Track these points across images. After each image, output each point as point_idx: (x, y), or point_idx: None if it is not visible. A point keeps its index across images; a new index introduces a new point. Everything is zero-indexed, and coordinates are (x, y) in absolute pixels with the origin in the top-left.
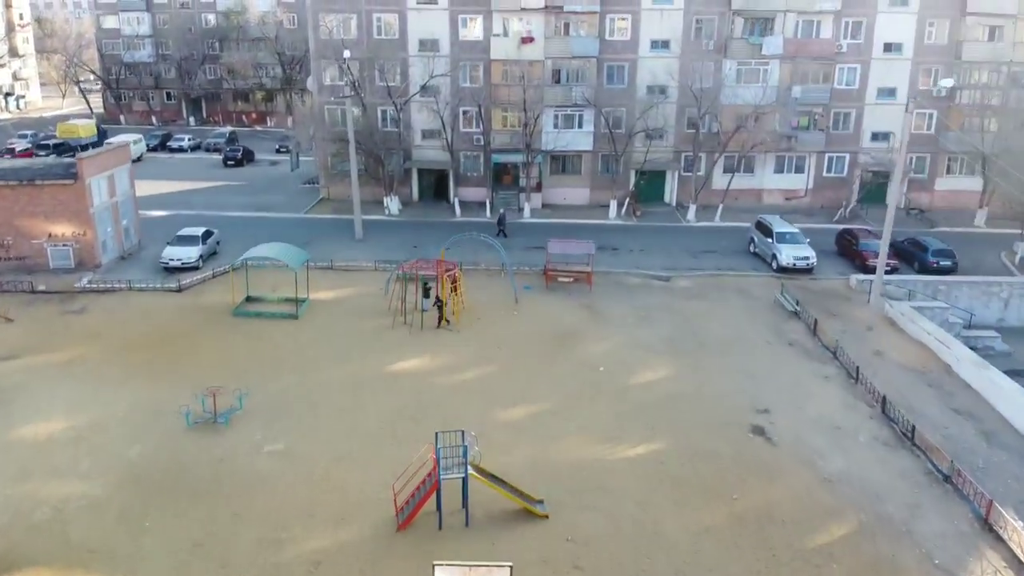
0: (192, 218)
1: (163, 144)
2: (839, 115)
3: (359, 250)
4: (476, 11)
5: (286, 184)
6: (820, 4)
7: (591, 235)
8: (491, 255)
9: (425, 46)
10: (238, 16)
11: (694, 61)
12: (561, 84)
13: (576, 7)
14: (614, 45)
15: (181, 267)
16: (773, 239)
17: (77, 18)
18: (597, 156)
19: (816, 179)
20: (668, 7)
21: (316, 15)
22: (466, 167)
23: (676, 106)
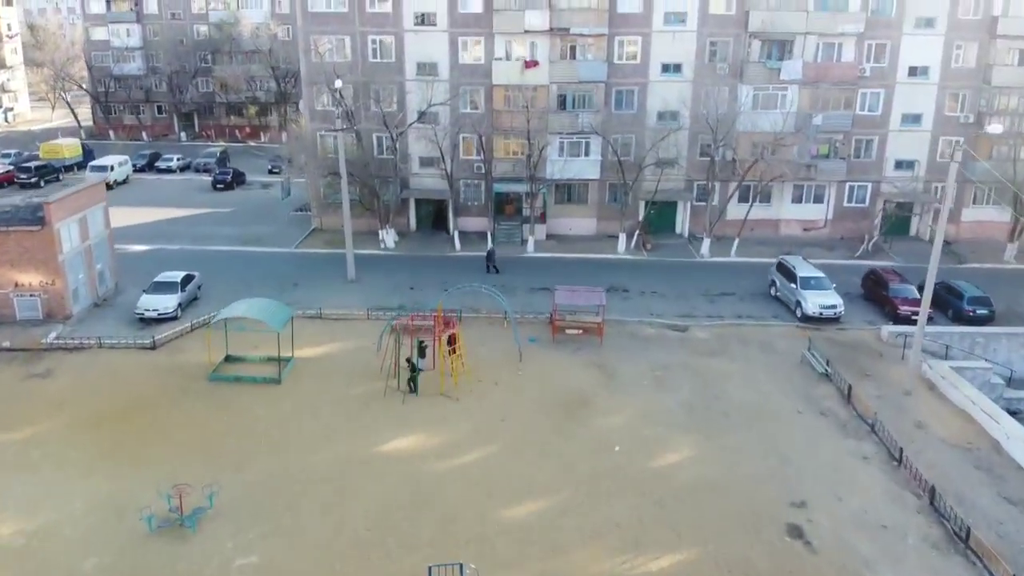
0: (175, 254)
1: (151, 164)
2: (861, 142)
3: (351, 293)
4: (477, 33)
5: (277, 211)
6: (842, 26)
7: (599, 271)
8: (491, 303)
9: (423, 70)
10: (231, 28)
11: (708, 86)
12: (567, 110)
13: (583, 30)
14: (623, 69)
15: (158, 318)
16: (797, 284)
17: (72, 24)
18: (604, 185)
19: (836, 209)
20: (680, 29)
21: (308, 37)
22: (466, 196)
23: (688, 133)
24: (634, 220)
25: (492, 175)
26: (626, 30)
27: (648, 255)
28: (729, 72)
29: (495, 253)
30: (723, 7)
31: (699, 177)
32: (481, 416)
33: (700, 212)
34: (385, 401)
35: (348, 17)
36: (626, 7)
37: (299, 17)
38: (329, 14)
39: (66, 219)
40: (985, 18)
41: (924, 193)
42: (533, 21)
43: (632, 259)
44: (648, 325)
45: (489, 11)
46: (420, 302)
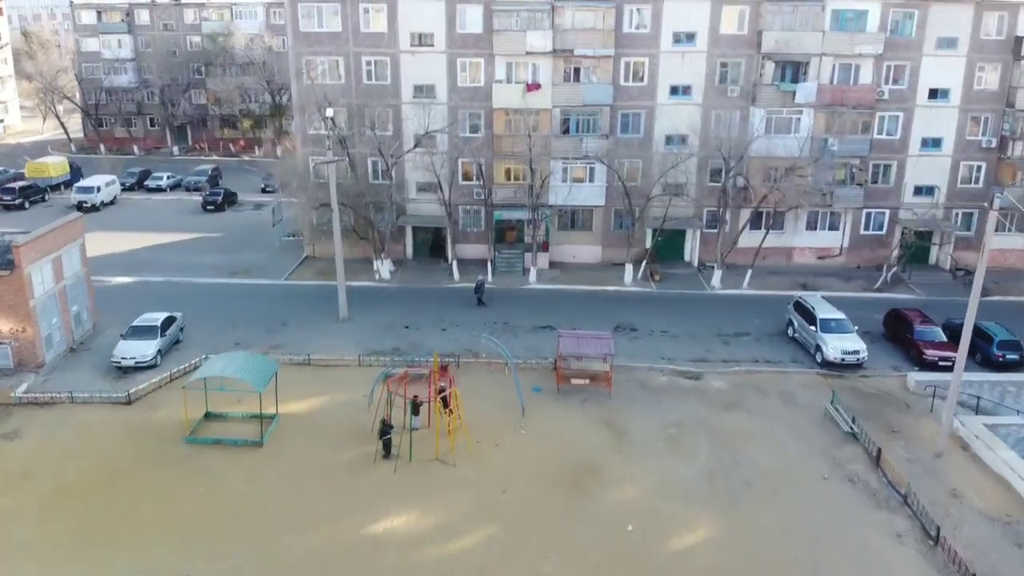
0: (158, 287)
1: (140, 182)
2: (878, 167)
3: (343, 334)
4: (476, 55)
5: (268, 236)
6: (860, 47)
7: (605, 306)
8: (490, 345)
9: (420, 92)
10: (225, 39)
11: (718, 109)
12: (570, 135)
13: (587, 51)
14: (629, 91)
15: (135, 366)
16: (817, 327)
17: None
18: (610, 211)
19: (852, 237)
20: (690, 50)
21: (299, 58)
22: (465, 223)
23: (697, 158)
24: (641, 248)
25: (492, 201)
26: (633, 51)
27: (656, 287)
28: (741, 95)
29: (484, 285)
30: (735, 27)
31: (709, 203)
32: (480, 487)
33: (710, 240)
34: (375, 469)
35: (341, 37)
36: (633, 27)
37: (290, 37)
38: (321, 34)
39: (38, 261)
40: (1009, 38)
41: (944, 220)
42: (535, 42)
43: (639, 291)
44: (659, 372)
45: (489, 32)
46: (415, 343)
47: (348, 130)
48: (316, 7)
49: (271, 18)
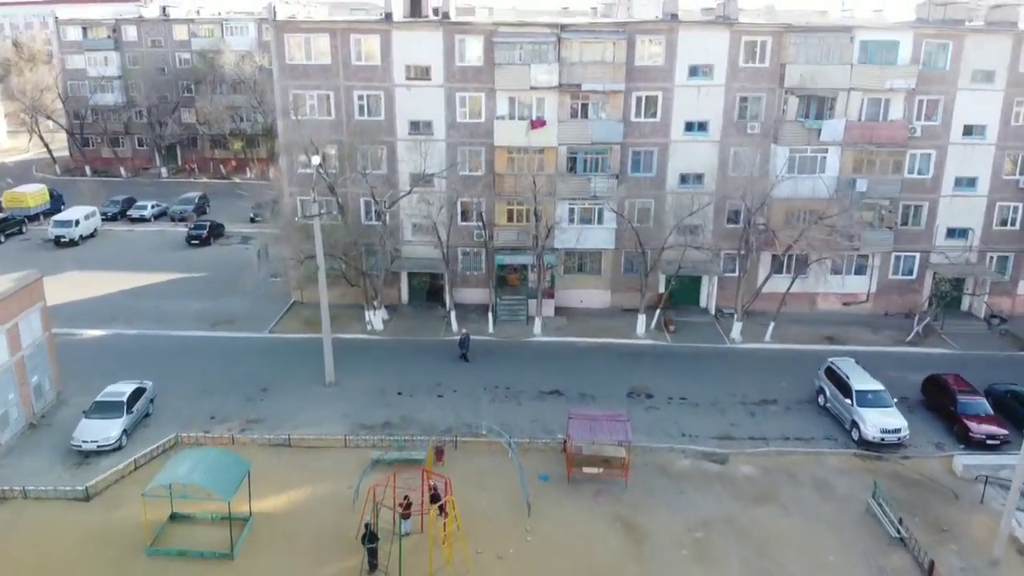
0: (132, 342)
1: (123, 212)
2: (909, 208)
3: (328, 403)
4: (476, 89)
5: (254, 277)
6: (891, 80)
7: (618, 364)
8: (491, 416)
9: (416, 129)
10: (215, 56)
11: (737, 146)
12: (577, 174)
13: (596, 86)
14: (641, 127)
15: (97, 450)
16: (852, 400)
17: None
18: (619, 254)
19: (880, 282)
20: (707, 83)
21: (286, 92)
22: (465, 265)
23: (714, 197)
24: (653, 293)
25: (493, 245)
26: (645, 84)
27: (671, 339)
28: (761, 131)
29: (468, 340)
30: (755, 59)
31: (726, 246)
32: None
33: (727, 284)
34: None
35: (331, 70)
36: (645, 59)
37: (276, 70)
38: (310, 66)
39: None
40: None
41: (978, 265)
42: (540, 77)
43: (653, 345)
44: (681, 453)
45: (490, 65)
46: (408, 416)
47: (338, 171)
48: (304, 37)
49: (263, 35)
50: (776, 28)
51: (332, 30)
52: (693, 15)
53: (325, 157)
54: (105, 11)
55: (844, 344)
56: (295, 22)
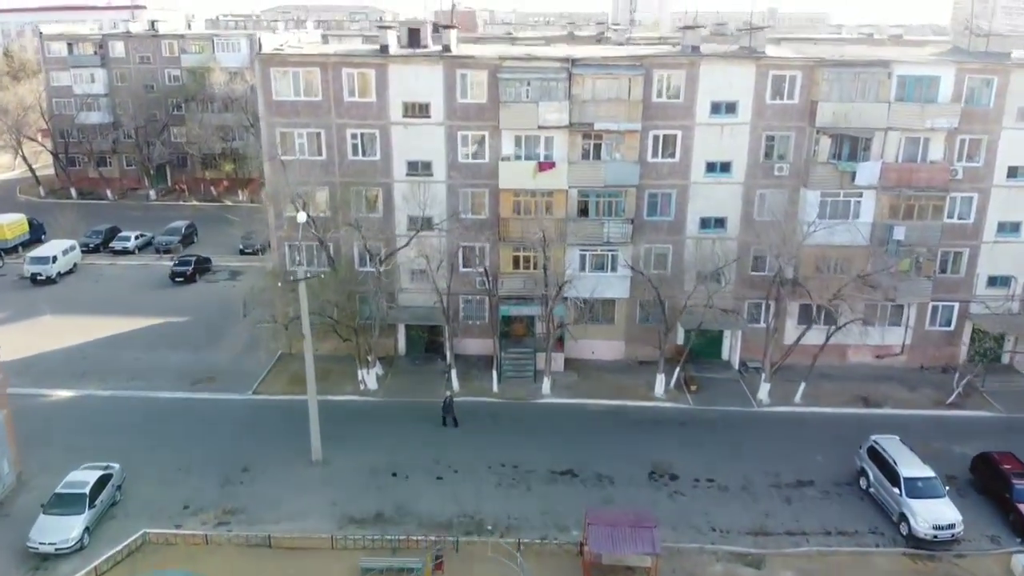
0: (104, 405)
1: (106, 243)
2: (947, 255)
3: (315, 487)
4: (480, 127)
5: (240, 324)
6: (932, 119)
7: (636, 434)
8: (496, 505)
9: (415, 170)
10: (205, 72)
11: (763, 189)
12: (589, 218)
13: (610, 125)
14: (658, 168)
15: (55, 553)
16: (901, 490)
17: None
18: (634, 302)
19: (916, 333)
20: (730, 121)
21: (272, 131)
22: (467, 313)
23: (737, 243)
24: (672, 345)
25: (498, 293)
26: (663, 123)
27: (693, 400)
28: (790, 173)
29: (453, 402)
30: (783, 95)
31: (751, 295)
32: None
33: (752, 335)
34: None
35: (322, 107)
36: (663, 95)
37: (261, 107)
38: (299, 103)
39: None
40: None
41: (1020, 315)
42: (549, 115)
43: (674, 408)
44: (713, 556)
45: (494, 102)
46: (404, 505)
47: (329, 215)
48: (292, 72)
49: (255, 49)
50: (807, 62)
51: (322, 64)
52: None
53: (313, 206)
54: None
55: (880, 407)
56: (282, 55)
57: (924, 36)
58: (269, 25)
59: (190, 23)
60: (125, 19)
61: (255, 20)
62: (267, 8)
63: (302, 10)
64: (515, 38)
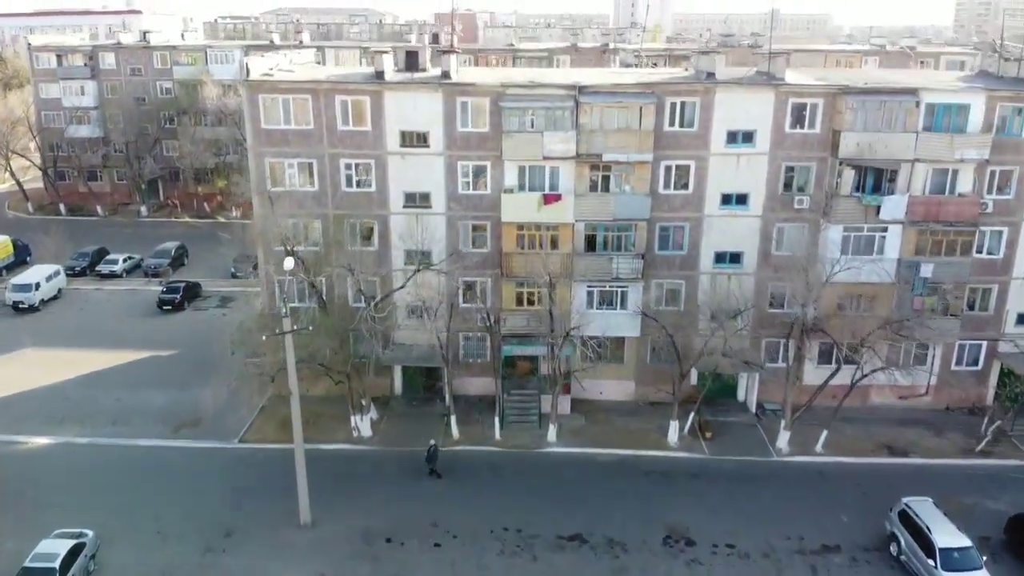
0: (82, 454)
1: (93, 266)
2: (976, 292)
3: (302, 556)
4: (481, 158)
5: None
6: (962, 151)
7: (648, 487)
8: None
9: (412, 201)
10: (198, 85)
11: (782, 223)
12: (598, 253)
13: (619, 156)
14: (671, 201)
15: None
16: (936, 561)
17: None
18: (645, 341)
19: (941, 373)
20: (747, 151)
21: (259, 161)
22: (467, 351)
23: (754, 279)
24: (684, 384)
25: (500, 331)
26: (676, 153)
27: (708, 448)
28: (810, 206)
29: (437, 452)
30: (804, 124)
31: (768, 333)
32: None
33: (769, 375)
34: None
35: (314, 136)
36: (676, 124)
37: (249, 136)
38: (289, 132)
39: None
40: None
41: None
42: (555, 146)
43: (688, 459)
44: None
45: (497, 131)
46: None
47: (322, 251)
48: (282, 99)
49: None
50: (829, 89)
51: (314, 91)
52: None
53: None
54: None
55: (906, 455)
56: (271, 82)
57: (939, 47)
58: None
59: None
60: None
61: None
62: (266, 11)
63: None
64: (517, 51)
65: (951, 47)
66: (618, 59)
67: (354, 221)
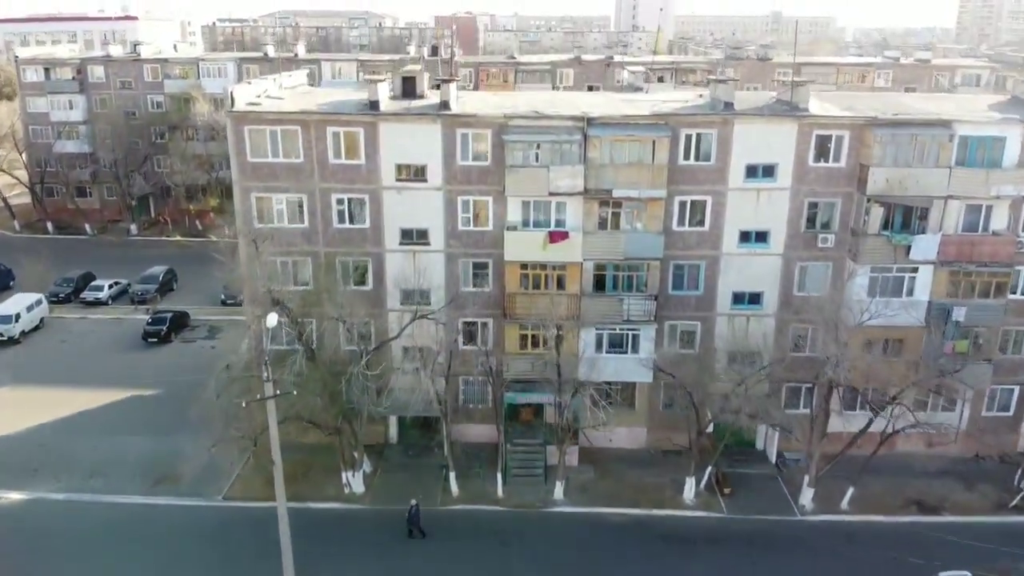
0: (57, 513)
1: (77, 292)
2: (1008, 333)
3: None
4: (483, 192)
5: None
6: (999, 187)
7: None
8: None
9: (409, 238)
10: (189, 99)
11: (805, 262)
12: (607, 293)
13: (631, 192)
14: (685, 238)
15: None
16: None
17: None
18: (658, 386)
19: (971, 419)
20: (768, 186)
21: (245, 196)
22: (468, 396)
23: (775, 320)
24: (700, 429)
25: (503, 375)
26: (691, 188)
27: (727, 506)
28: (835, 244)
29: (419, 513)
30: (829, 157)
31: (790, 377)
32: None
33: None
34: None
35: (303, 170)
36: (692, 157)
37: (235, 170)
38: (277, 165)
39: None
40: None
41: None
42: (562, 181)
43: (706, 519)
44: None
45: (500, 165)
46: None
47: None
48: (269, 130)
49: (243, 76)
50: (856, 120)
51: (303, 122)
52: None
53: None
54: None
55: (937, 512)
56: (258, 112)
57: (954, 60)
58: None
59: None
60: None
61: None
62: (264, 14)
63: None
64: (519, 64)
65: (965, 60)
66: (625, 74)
67: (347, 260)
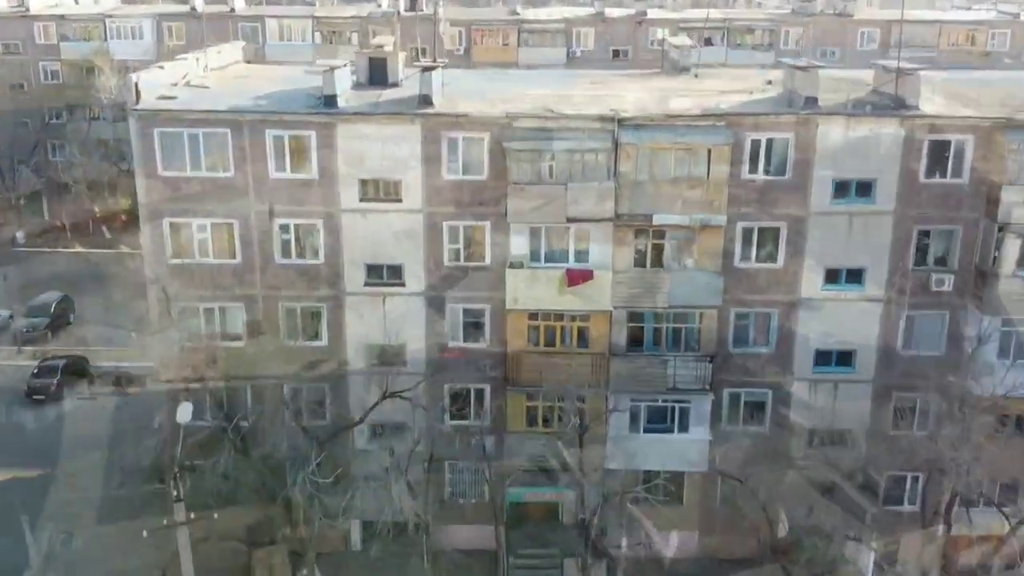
0: None
1: None
2: None
3: None
4: (477, 216)
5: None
6: None
7: None
8: None
9: (377, 276)
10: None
11: (912, 309)
12: (646, 352)
13: (677, 217)
14: (751, 278)
15: None
16: None
17: None
18: (713, 477)
19: None
20: (863, 209)
21: (156, 222)
22: (456, 487)
23: (871, 387)
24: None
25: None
26: (759, 210)
27: None
28: (953, 287)
29: None
30: (946, 171)
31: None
32: None
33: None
34: None
35: (235, 187)
36: (759, 171)
37: (141, 187)
38: (197, 180)
39: None
40: None
41: None
42: (584, 203)
43: None
44: None
45: (499, 179)
46: None
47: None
48: (188, 134)
49: (165, 38)
50: (982, 120)
51: (235, 122)
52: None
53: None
54: None
55: None
56: (172, 112)
57: None
58: None
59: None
60: None
61: None
62: None
63: None
64: (523, 22)
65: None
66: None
67: (293, 306)
